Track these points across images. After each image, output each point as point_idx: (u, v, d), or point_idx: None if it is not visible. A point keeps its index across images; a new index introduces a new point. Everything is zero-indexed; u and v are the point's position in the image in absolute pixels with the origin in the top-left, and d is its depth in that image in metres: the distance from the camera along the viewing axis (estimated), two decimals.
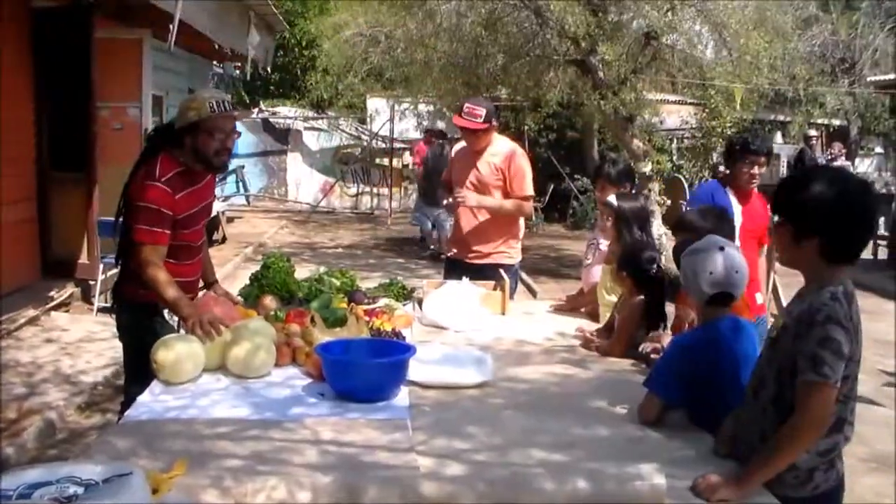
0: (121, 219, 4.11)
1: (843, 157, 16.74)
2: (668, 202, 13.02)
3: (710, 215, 4.03)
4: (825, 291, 2.53)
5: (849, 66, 20.43)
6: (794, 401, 2.49)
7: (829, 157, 16.29)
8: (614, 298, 4.39)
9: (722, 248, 3.10)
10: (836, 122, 21.39)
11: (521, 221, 5.78)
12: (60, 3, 9.05)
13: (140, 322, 4.09)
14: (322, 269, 5.21)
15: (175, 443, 2.77)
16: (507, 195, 5.52)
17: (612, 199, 4.71)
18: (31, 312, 8.20)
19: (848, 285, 2.58)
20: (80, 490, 2.10)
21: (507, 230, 5.63)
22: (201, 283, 4.50)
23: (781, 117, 20.69)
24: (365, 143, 22.00)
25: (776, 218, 2.72)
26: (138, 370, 4.06)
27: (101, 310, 8.57)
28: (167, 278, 3.89)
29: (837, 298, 2.51)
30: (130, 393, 4.10)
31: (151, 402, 3.21)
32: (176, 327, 4.13)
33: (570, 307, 5.06)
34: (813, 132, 17.12)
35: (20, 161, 8.99)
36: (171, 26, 8.55)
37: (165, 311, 4.10)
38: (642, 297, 3.93)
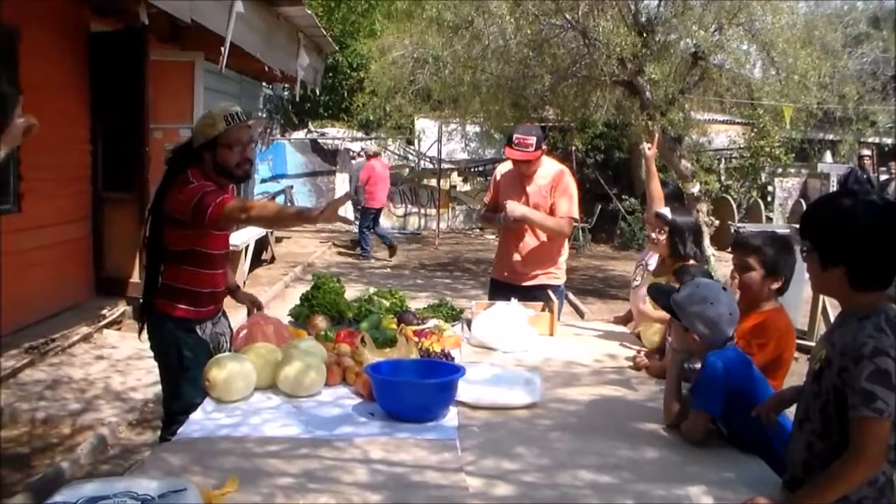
0: (149, 235, 4.13)
1: None
2: (717, 222, 12.95)
3: (776, 241, 3.71)
4: (868, 323, 2.46)
5: None
6: (842, 434, 2.45)
7: (888, 178, 15.94)
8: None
9: (724, 289, 3.21)
10: (889, 141, 21.09)
11: (566, 242, 5.77)
12: (116, 28, 9.26)
13: (174, 338, 4.10)
14: (372, 289, 5.24)
15: (227, 460, 2.81)
16: (552, 215, 5.52)
17: (665, 211, 4.66)
18: (84, 330, 8.35)
19: (890, 311, 2.51)
20: None
21: (552, 251, 5.61)
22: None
23: (831, 136, 20.45)
24: (412, 164, 22.13)
25: (805, 244, 2.64)
26: (177, 386, 4.08)
27: None
28: (267, 202, 3.96)
29: (882, 329, 2.45)
30: (170, 410, 4.14)
31: (203, 419, 3.26)
32: (209, 342, 4.15)
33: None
34: (866, 151, 16.89)
35: (75, 181, 9.21)
36: (222, 48, 8.68)
37: (197, 327, 4.12)
38: None
